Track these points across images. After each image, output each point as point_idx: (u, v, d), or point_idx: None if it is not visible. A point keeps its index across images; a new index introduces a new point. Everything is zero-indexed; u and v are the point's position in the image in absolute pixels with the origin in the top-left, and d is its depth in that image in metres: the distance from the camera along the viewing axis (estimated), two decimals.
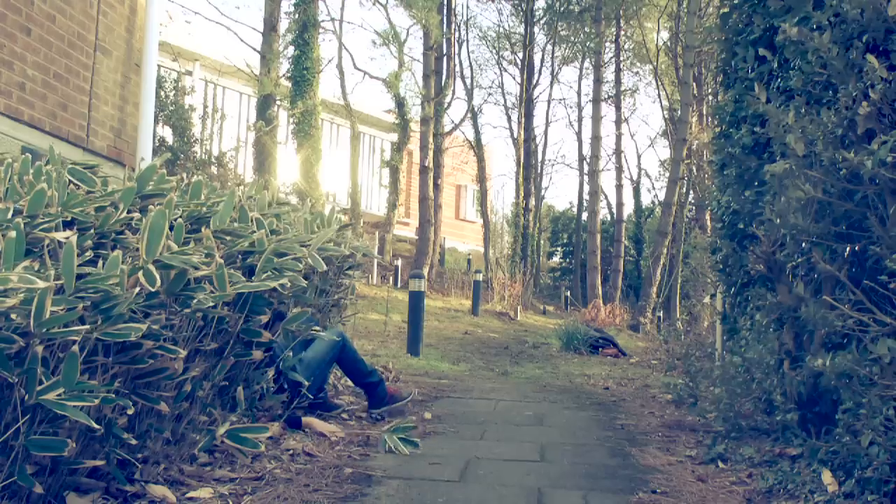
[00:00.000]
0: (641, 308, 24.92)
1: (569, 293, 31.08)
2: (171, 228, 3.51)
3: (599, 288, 27.16)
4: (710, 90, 25.89)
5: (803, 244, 4.30)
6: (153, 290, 3.15)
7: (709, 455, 4.81)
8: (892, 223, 3.40)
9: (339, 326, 6.12)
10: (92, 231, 3.48)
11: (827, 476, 3.76)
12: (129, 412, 3.06)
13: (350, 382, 6.79)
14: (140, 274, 3.11)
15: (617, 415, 6.75)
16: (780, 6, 5.00)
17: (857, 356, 3.56)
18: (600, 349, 14.06)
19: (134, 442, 3.20)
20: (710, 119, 23.34)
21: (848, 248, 4.13)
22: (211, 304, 3.46)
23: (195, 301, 3.40)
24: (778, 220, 4.28)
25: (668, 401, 7.55)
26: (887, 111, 3.46)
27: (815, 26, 3.96)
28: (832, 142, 3.72)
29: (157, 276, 3.16)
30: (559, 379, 9.79)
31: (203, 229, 3.91)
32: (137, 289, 3.08)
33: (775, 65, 5.50)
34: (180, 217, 3.89)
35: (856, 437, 3.53)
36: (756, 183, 5.88)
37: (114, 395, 2.88)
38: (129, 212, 3.78)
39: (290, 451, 4.30)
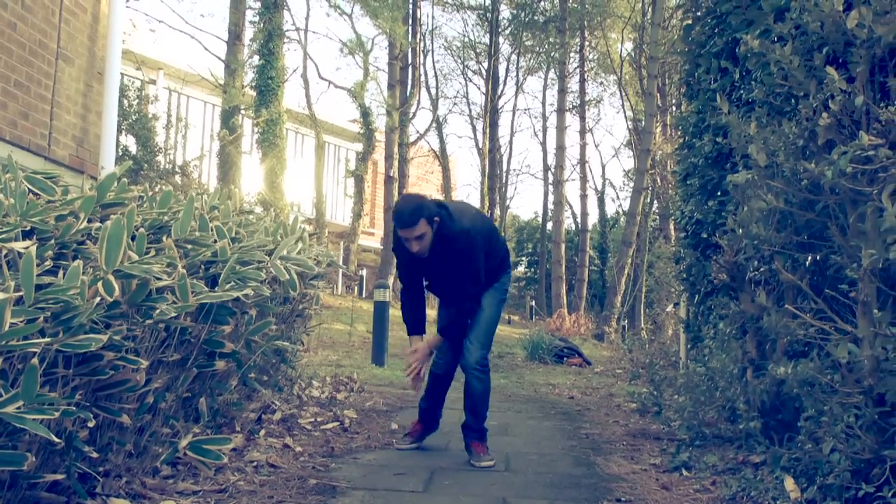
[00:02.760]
0: (606, 317, 25.03)
1: (533, 303, 31.18)
2: (133, 238, 3.48)
3: (564, 297, 27.23)
4: (673, 101, 26.11)
5: (766, 254, 4.34)
6: (112, 300, 3.11)
7: (673, 463, 4.83)
8: (853, 233, 3.44)
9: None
10: (52, 241, 3.43)
11: (789, 483, 3.79)
12: (90, 425, 3.01)
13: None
14: (99, 284, 3.07)
15: (581, 424, 6.77)
16: (742, 19, 5.06)
17: (819, 364, 3.59)
18: (565, 359, 14.10)
19: (95, 455, 3.16)
20: (673, 130, 23.53)
21: (809, 258, 4.17)
22: (174, 314, 3.42)
23: (157, 312, 3.37)
24: (740, 230, 4.31)
25: (633, 410, 7.58)
26: (847, 122, 3.50)
27: (776, 38, 4.00)
28: (793, 152, 3.76)
29: (116, 287, 3.12)
30: (524, 388, 9.81)
31: (164, 239, 3.88)
32: (98, 299, 3.04)
33: (737, 76, 5.55)
34: (142, 227, 3.85)
35: (818, 445, 3.56)
36: (719, 193, 5.93)
37: (74, 408, 2.84)
38: (89, 221, 3.74)
39: (254, 463, 4.26)
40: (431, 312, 7.00)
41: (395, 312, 17.85)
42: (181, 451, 3.82)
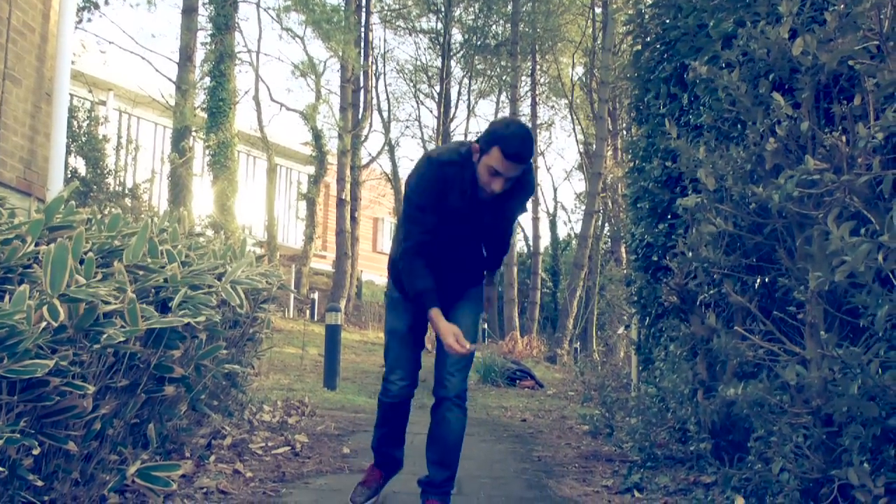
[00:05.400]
0: (558, 340, 25.11)
1: (486, 325, 31.17)
2: (81, 262, 3.42)
3: (517, 320, 27.28)
4: (624, 125, 26.33)
5: (715, 276, 4.39)
6: (58, 324, 3.06)
7: (625, 485, 4.85)
8: (800, 256, 3.49)
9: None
10: None
11: (740, 503, 3.82)
12: (35, 452, 2.95)
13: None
14: (44, 308, 3.02)
15: (534, 446, 6.77)
16: (690, 46, 5.13)
17: (769, 385, 3.63)
18: (518, 381, 14.11)
19: (40, 484, 3.09)
20: (624, 153, 23.77)
21: (758, 280, 4.23)
22: (122, 339, 3.37)
23: (105, 336, 3.31)
24: (690, 253, 4.36)
25: (585, 432, 7.61)
26: (793, 147, 3.56)
27: (723, 65, 4.07)
28: (741, 176, 3.81)
29: (62, 311, 3.07)
30: (476, 412, 9.79)
31: (115, 263, 3.82)
32: (44, 324, 2.99)
33: (686, 101, 5.62)
34: (91, 251, 3.79)
35: (767, 465, 3.60)
36: (669, 216, 6.00)
37: (19, 436, 2.78)
38: (37, 245, 3.67)
39: (204, 490, 4.20)
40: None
41: (348, 336, 17.77)
42: (129, 479, 3.75)
